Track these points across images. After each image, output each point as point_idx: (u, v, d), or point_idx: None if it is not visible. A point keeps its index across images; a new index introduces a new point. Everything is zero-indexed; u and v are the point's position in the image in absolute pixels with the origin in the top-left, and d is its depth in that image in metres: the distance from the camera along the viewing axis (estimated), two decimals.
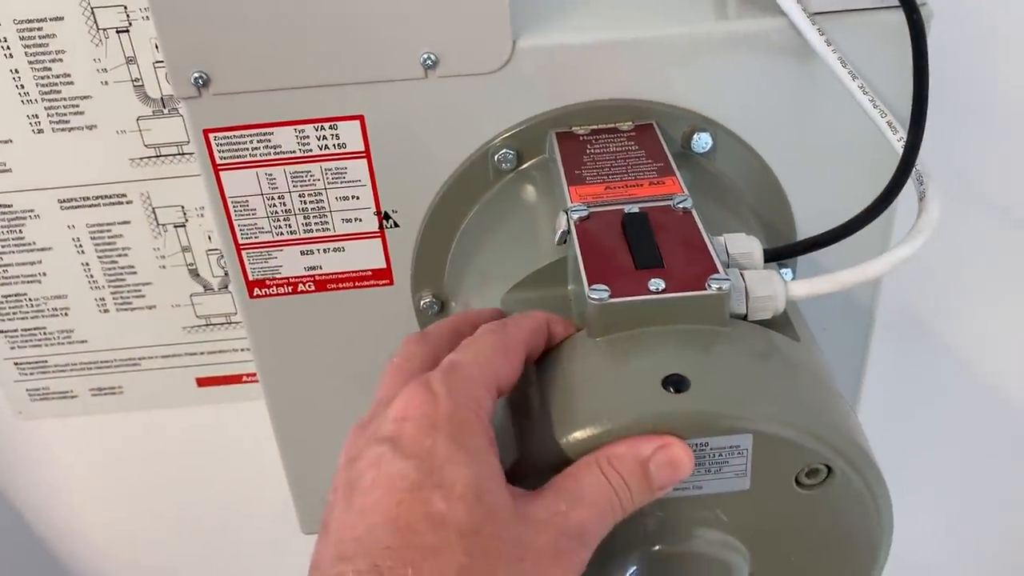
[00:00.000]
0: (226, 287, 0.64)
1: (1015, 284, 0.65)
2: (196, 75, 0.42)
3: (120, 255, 0.62)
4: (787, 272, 0.47)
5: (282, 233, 0.46)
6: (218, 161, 0.44)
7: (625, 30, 0.43)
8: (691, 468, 0.30)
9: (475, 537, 0.26)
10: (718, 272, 0.33)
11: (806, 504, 0.32)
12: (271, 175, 0.45)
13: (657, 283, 0.33)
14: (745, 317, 0.34)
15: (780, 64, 0.43)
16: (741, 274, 0.34)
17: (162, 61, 0.55)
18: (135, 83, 0.56)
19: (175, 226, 0.61)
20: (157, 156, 0.58)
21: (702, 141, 0.44)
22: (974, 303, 0.66)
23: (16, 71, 0.55)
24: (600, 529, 0.29)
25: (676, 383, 0.30)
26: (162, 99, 0.56)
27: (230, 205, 0.45)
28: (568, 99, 0.44)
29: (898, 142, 0.39)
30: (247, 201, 0.45)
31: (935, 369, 0.68)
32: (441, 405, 0.29)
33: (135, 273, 0.63)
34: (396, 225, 0.47)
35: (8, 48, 0.54)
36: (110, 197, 0.60)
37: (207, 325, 0.65)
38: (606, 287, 0.33)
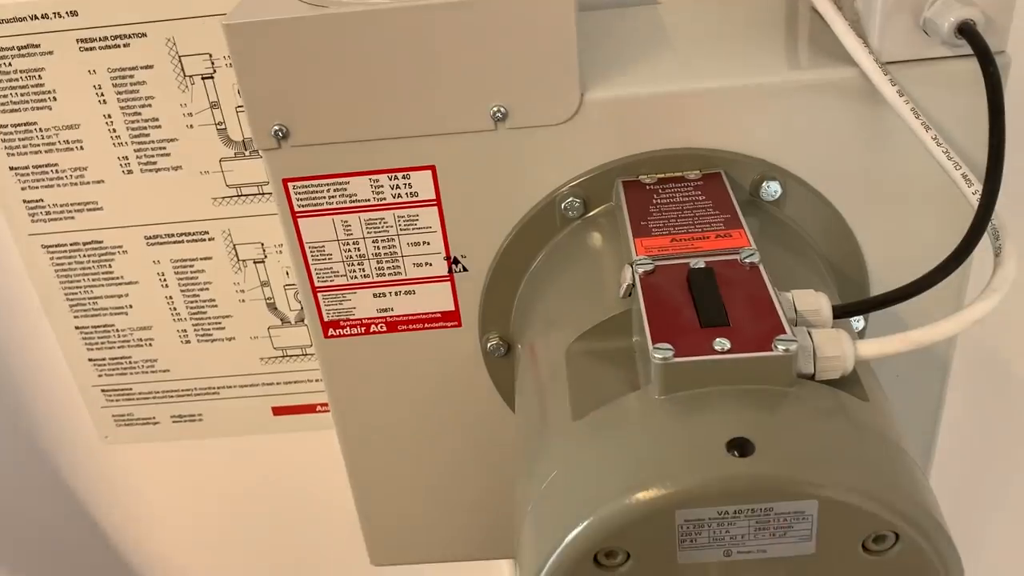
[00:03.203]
0: (302, 320, 0.66)
1: None
2: (276, 128, 0.43)
3: (202, 289, 0.64)
4: (859, 320, 0.47)
5: (356, 277, 0.48)
6: (296, 209, 0.46)
7: (693, 81, 0.43)
8: None
9: None
10: (785, 332, 0.33)
11: (872, 570, 0.31)
12: (346, 222, 0.46)
13: (722, 343, 0.33)
14: (812, 377, 0.34)
15: (851, 113, 0.43)
16: (809, 333, 0.34)
17: (244, 108, 0.58)
18: (218, 127, 0.58)
19: (254, 262, 0.63)
20: (238, 196, 0.61)
21: (771, 189, 0.44)
22: None
23: (109, 116, 0.58)
24: None
25: (740, 446, 0.30)
26: (244, 142, 0.59)
27: (307, 250, 0.47)
28: (635, 148, 0.44)
29: (973, 195, 0.39)
30: (323, 246, 0.47)
31: (1016, 414, 0.66)
32: None
33: (216, 306, 0.65)
34: (465, 270, 0.48)
35: (102, 95, 0.57)
36: (193, 234, 0.62)
37: (283, 356, 0.67)
38: (670, 346, 0.33)
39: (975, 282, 0.46)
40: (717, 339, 0.33)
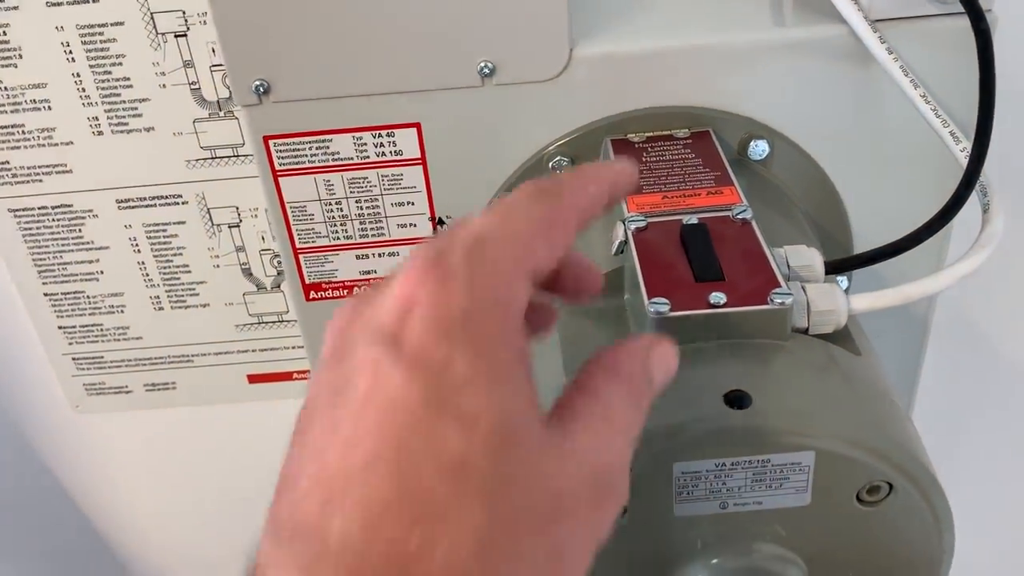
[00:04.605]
0: (278, 286, 0.65)
1: None
2: (257, 83, 0.42)
3: (175, 254, 0.63)
4: (843, 279, 0.47)
5: (339, 238, 0.47)
6: (277, 167, 0.45)
7: (682, 38, 0.43)
8: (676, 367, 0.26)
9: (502, 492, 0.20)
10: (780, 286, 0.33)
11: (866, 520, 0.32)
12: (329, 181, 0.45)
13: (718, 296, 0.33)
14: (806, 331, 0.34)
15: (839, 71, 0.43)
16: (803, 287, 0.34)
17: (219, 64, 0.56)
18: (192, 86, 0.57)
19: (229, 226, 0.62)
20: (212, 158, 0.59)
21: (759, 148, 0.44)
22: None
23: (78, 75, 0.56)
24: (628, 458, 0.23)
25: (738, 399, 0.30)
26: (218, 102, 0.57)
27: (288, 210, 0.46)
28: (624, 106, 0.44)
29: (961, 152, 0.39)
30: (305, 206, 0.46)
31: (990, 374, 0.67)
32: (458, 295, 0.21)
33: (189, 272, 0.64)
34: None
35: (71, 52, 0.56)
36: (166, 198, 0.61)
37: (259, 323, 0.66)
38: (666, 300, 0.33)
39: (953, 244, 0.47)
40: (713, 293, 0.33)
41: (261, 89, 0.42)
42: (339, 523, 0.20)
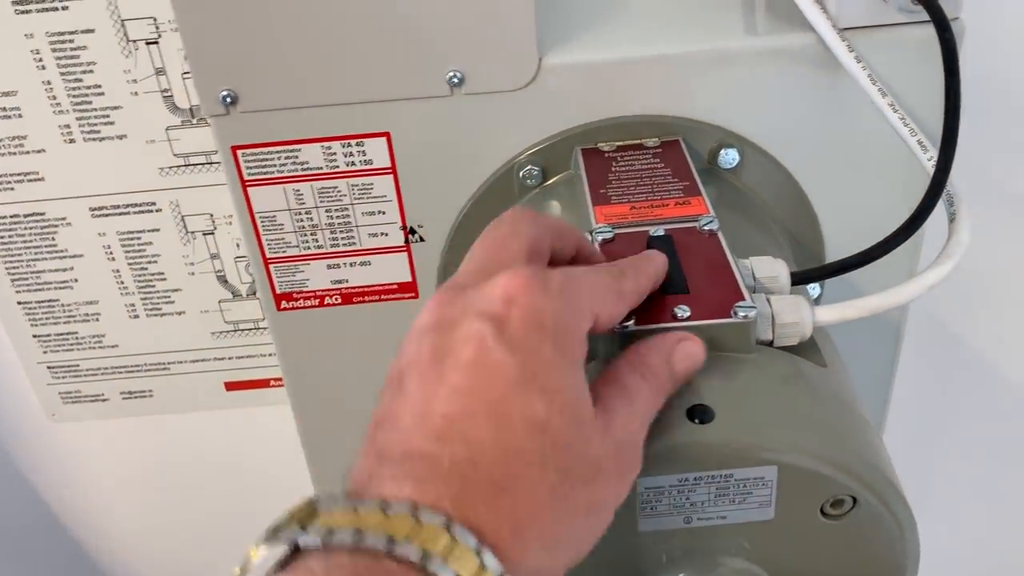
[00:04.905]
0: (254, 293, 0.64)
1: None
2: (224, 93, 0.42)
3: (150, 262, 0.63)
4: (815, 287, 0.47)
5: (309, 248, 0.47)
6: (246, 177, 0.44)
7: (652, 46, 0.43)
8: (704, 358, 0.31)
9: (566, 453, 0.26)
10: (744, 299, 0.33)
11: (831, 534, 0.32)
12: (298, 191, 0.45)
13: (683, 310, 0.32)
14: (771, 343, 0.34)
15: (809, 79, 0.43)
16: (768, 299, 0.34)
17: (190, 73, 0.56)
18: (164, 94, 0.57)
19: (204, 233, 0.62)
20: (186, 165, 0.59)
21: (729, 157, 0.44)
22: (1003, 312, 0.65)
23: (48, 82, 0.56)
24: (643, 435, 0.29)
25: (701, 414, 0.30)
26: (191, 109, 0.57)
27: (258, 220, 0.46)
28: (594, 115, 0.44)
29: (928, 161, 0.39)
30: (275, 216, 0.46)
31: (964, 377, 0.68)
32: (551, 304, 0.27)
33: (164, 280, 0.63)
34: (422, 240, 0.47)
35: (41, 60, 0.55)
36: (140, 205, 0.60)
37: (235, 331, 0.66)
38: (631, 314, 0.32)
39: (926, 251, 0.47)
40: (677, 307, 0.33)
41: (228, 99, 0.42)
42: (449, 453, 0.25)
